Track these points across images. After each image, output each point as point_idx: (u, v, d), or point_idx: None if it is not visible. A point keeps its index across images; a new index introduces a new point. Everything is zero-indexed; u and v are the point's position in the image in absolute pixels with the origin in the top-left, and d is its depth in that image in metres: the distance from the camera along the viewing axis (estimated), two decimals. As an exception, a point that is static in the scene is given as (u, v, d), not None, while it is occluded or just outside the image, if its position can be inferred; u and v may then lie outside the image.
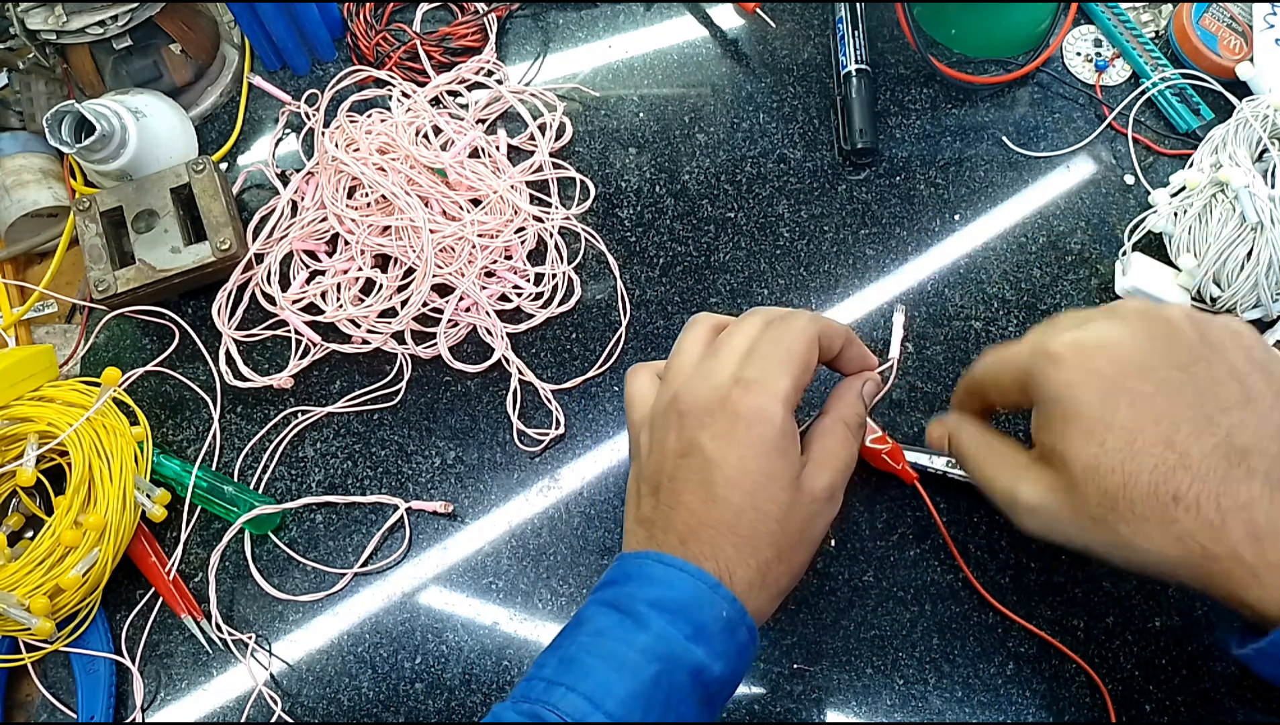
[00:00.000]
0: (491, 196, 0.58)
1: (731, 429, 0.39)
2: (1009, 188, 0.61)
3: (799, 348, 0.40)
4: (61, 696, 0.51)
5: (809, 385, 0.41)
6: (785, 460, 0.39)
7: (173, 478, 0.54)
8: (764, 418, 0.39)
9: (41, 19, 0.57)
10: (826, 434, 0.43)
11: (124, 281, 0.56)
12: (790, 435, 0.40)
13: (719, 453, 0.38)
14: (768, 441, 0.39)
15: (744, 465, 0.38)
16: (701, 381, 0.40)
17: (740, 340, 0.41)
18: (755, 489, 0.38)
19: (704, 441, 0.39)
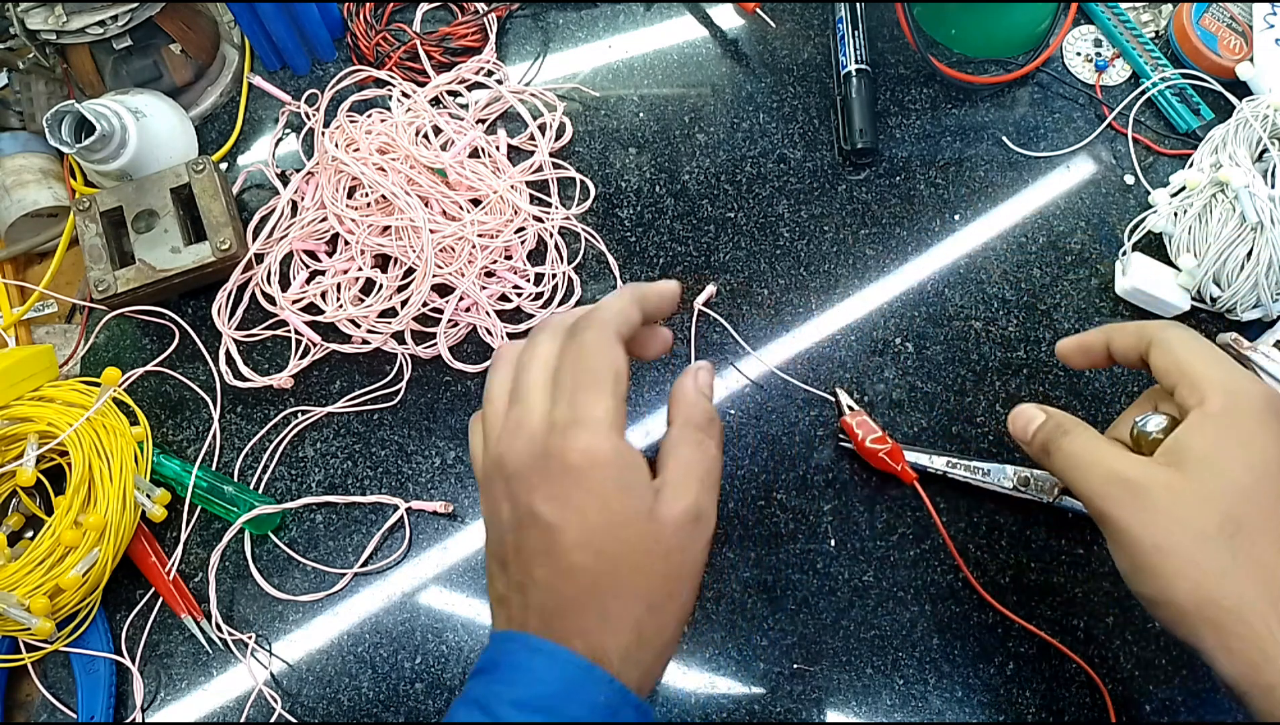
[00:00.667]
0: (491, 196, 0.58)
1: (563, 487, 0.34)
2: (1009, 188, 0.61)
3: (604, 361, 0.36)
4: (61, 696, 0.51)
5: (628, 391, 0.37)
6: (632, 497, 0.35)
7: (173, 478, 0.54)
8: (594, 460, 0.34)
9: (41, 19, 0.57)
10: (676, 445, 0.38)
11: (124, 281, 0.56)
12: (631, 466, 0.35)
13: (557, 517, 0.34)
14: (606, 485, 0.34)
15: (587, 522, 0.34)
16: (516, 436, 0.36)
17: (539, 373, 0.37)
18: (606, 545, 0.34)
19: (538, 508, 0.34)
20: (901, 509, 0.52)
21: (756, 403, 0.55)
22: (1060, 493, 0.52)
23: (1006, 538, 0.52)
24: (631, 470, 0.35)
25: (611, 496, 0.34)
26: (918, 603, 0.51)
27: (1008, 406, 0.55)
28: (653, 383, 0.56)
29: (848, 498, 0.53)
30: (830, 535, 0.52)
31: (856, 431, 0.52)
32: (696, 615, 0.51)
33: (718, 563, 0.52)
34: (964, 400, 0.55)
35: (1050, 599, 0.50)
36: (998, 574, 0.51)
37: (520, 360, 0.38)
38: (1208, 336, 0.56)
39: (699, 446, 0.38)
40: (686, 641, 0.50)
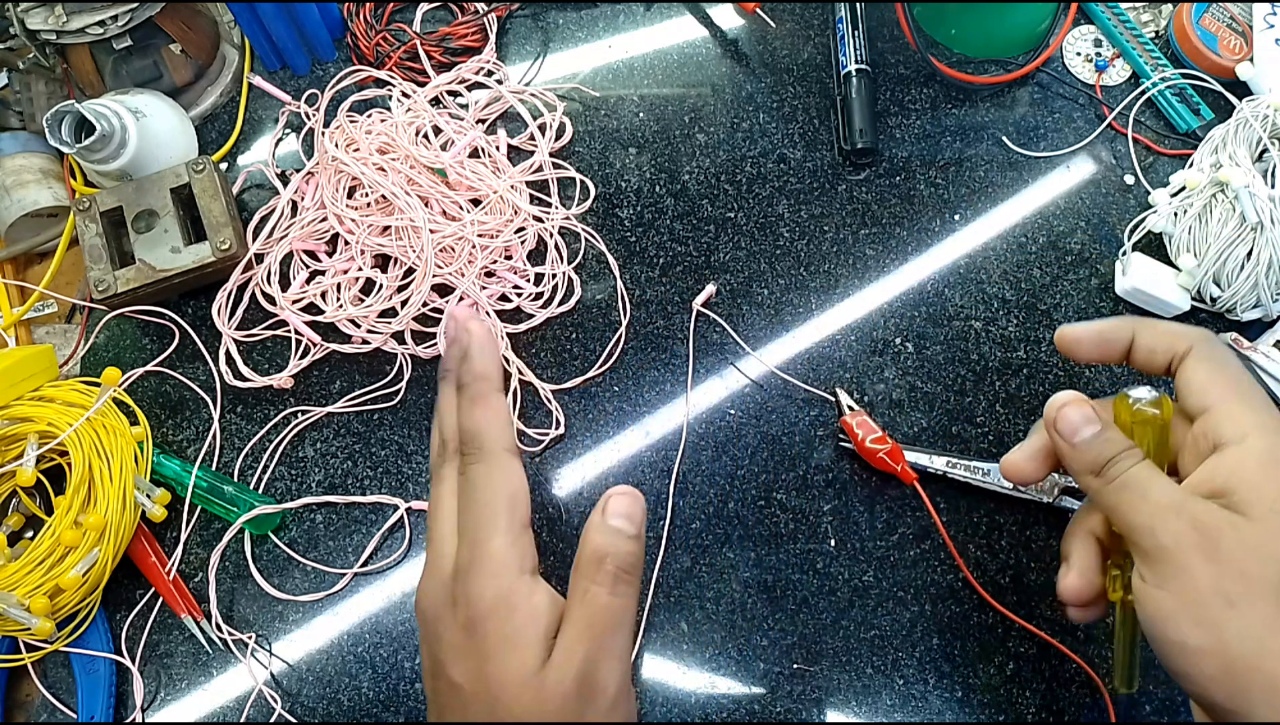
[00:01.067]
0: (491, 196, 0.58)
1: (462, 638, 0.34)
2: (1009, 188, 0.61)
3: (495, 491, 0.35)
4: (61, 696, 0.51)
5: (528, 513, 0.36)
6: (518, 653, 0.33)
7: (173, 478, 0.54)
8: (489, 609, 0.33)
9: (41, 19, 0.57)
10: (569, 602, 0.35)
11: (124, 281, 0.56)
12: (523, 612, 0.33)
13: (458, 672, 0.33)
14: (496, 638, 0.33)
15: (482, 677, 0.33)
16: (430, 580, 0.36)
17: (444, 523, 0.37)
18: (499, 704, 0.33)
19: (445, 659, 0.34)
20: (901, 509, 0.52)
21: (756, 403, 0.55)
22: (1060, 493, 0.52)
23: (1006, 538, 0.52)
24: (523, 619, 0.33)
25: (497, 651, 0.33)
26: (918, 603, 0.51)
27: (1008, 406, 0.55)
28: (652, 383, 0.56)
29: (848, 498, 0.53)
30: (830, 535, 0.52)
31: (856, 431, 0.52)
32: (697, 615, 0.51)
33: (718, 563, 0.52)
34: (964, 400, 0.55)
35: (1050, 599, 0.50)
36: (998, 574, 0.51)
37: (430, 497, 0.39)
38: (1208, 336, 0.56)
39: (583, 597, 0.34)
40: (686, 641, 0.50)
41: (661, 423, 0.55)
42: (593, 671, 0.33)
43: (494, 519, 0.35)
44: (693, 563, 0.52)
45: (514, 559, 0.34)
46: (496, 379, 0.38)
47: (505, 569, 0.34)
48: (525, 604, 0.34)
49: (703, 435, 0.55)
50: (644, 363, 0.57)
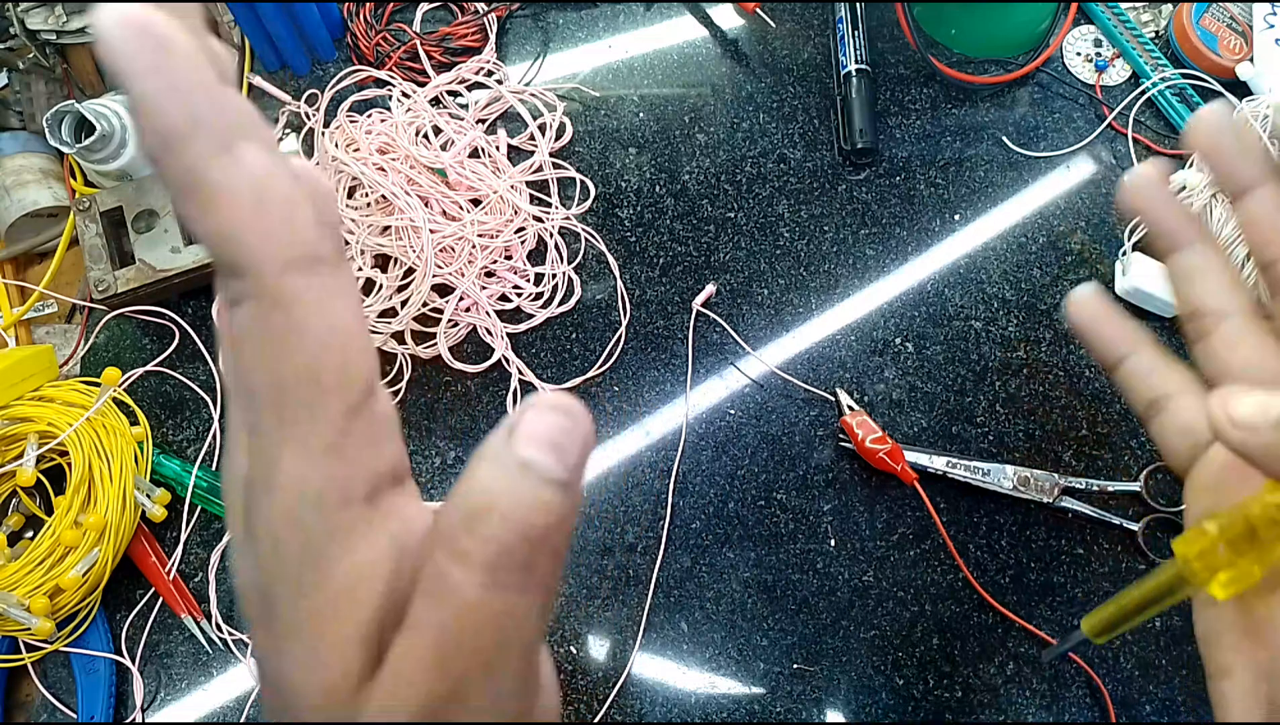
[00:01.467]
0: (491, 196, 0.58)
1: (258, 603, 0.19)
2: (1009, 188, 0.61)
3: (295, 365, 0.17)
4: (61, 696, 0.51)
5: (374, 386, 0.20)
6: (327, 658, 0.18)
7: (173, 478, 0.54)
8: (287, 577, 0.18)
9: (41, 19, 0.57)
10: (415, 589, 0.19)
11: (124, 281, 0.56)
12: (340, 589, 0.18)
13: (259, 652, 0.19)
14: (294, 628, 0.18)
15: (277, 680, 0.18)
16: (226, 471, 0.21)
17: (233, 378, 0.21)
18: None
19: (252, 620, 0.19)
20: (901, 509, 0.52)
21: (756, 403, 0.55)
22: (1061, 493, 0.52)
23: (1006, 538, 0.52)
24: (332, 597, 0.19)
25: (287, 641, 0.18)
26: (918, 603, 0.51)
27: (1008, 406, 0.55)
28: (652, 383, 0.56)
29: (848, 498, 0.53)
30: (830, 535, 0.52)
31: (856, 431, 0.52)
32: (697, 615, 0.51)
33: (718, 563, 0.52)
34: (964, 400, 0.55)
35: (1050, 599, 0.50)
36: (998, 574, 0.51)
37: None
38: (1208, 336, 0.56)
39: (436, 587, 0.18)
40: (686, 641, 0.50)
41: (661, 423, 0.55)
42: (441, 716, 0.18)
43: (284, 414, 0.17)
44: (693, 563, 0.52)
45: (324, 484, 0.18)
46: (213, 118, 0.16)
47: (306, 504, 0.18)
48: (340, 568, 0.18)
49: (703, 435, 0.55)
50: (644, 363, 0.57)
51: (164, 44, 0.16)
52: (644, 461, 0.54)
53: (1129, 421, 0.55)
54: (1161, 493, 0.53)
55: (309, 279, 0.17)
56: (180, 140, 0.16)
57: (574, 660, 0.50)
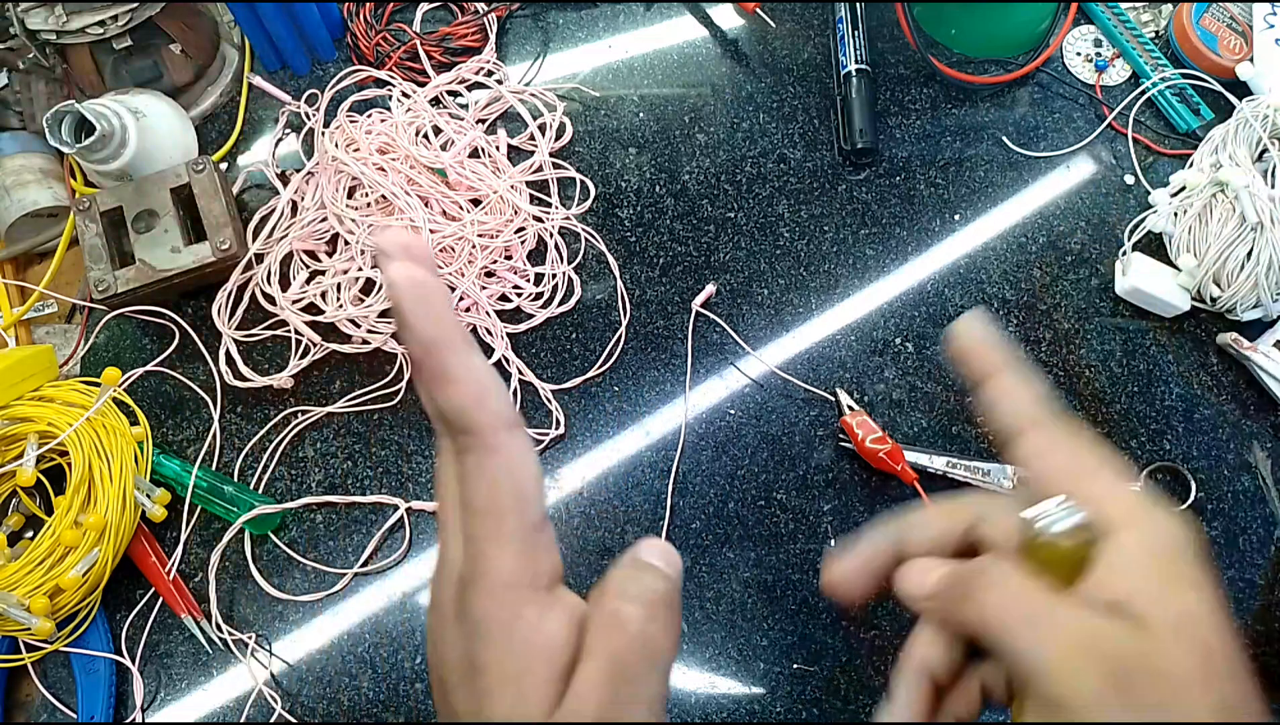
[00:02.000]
0: (491, 196, 0.58)
1: (467, 669, 0.27)
2: (1009, 188, 0.61)
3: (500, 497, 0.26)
4: (61, 696, 0.51)
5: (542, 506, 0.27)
6: (517, 690, 0.26)
7: (173, 478, 0.54)
8: (495, 642, 0.26)
9: (41, 19, 0.57)
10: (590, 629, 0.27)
11: (124, 281, 0.56)
12: (531, 637, 0.26)
13: (463, 704, 0.27)
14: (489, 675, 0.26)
15: (483, 719, 0.26)
16: (438, 584, 0.28)
17: (448, 511, 0.28)
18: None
19: (449, 684, 0.27)
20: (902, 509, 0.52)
21: (756, 403, 0.55)
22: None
23: (1006, 538, 0.52)
24: (529, 653, 0.26)
25: (497, 689, 0.26)
26: (918, 603, 0.51)
27: (1008, 406, 0.55)
28: (652, 383, 0.56)
29: (848, 498, 0.53)
30: (830, 535, 0.52)
31: (856, 431, 0.52)
32: (697, 615, 0.51)
33: (718, 563, 0.52)
34: (964, 400, 0.55)
35: (1050, 599, 0.50)
36: (998, 574, 0.51)
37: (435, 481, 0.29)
38: (1207, 337, 0.56)
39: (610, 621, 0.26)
40: (686, 642, 0.50)
41: (661, 423, 0.55)
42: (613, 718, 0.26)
43: (495, 525, 0.26)
44: (693, 563, 0.52)
45: (520, 574, 0.26)
46: (453, 336, 0.26)
47: (508, 588, 0.26)
48: (533, 633, 0.26)
49: (703, 435, 0.55)
50: (644, 363, 0.57)
51: (427, 289, 0.25)
52: (644, 461, 0.54)
53: (1129, 421, 0.55)
54: (1161, 493, 0.53)
55: (512, 437, 0.26)
56: (436, 347, 0.25)
57: (574, 660, 0.50)
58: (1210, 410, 0.55)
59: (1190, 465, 0.53)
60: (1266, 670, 0.49)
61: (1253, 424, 0.54)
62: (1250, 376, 0.55)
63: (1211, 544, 0.52)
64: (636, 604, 0.27)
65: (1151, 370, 0.56)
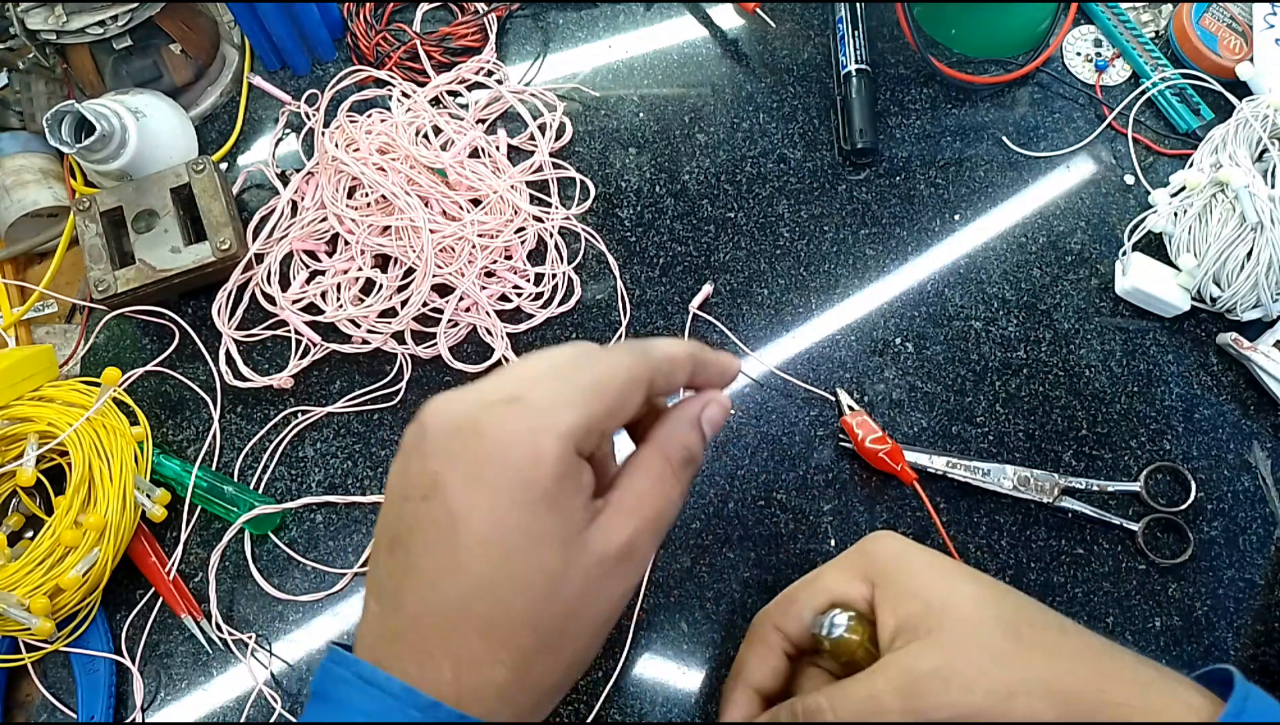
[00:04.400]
0: (491, 196, 0.58)
1: (482, 463, 0.28)
2: (1009, 188, 0.61)
3: (608, 382, 0.30)
4: (61, 696, 0.51)
5: (616, 428, 0.32)
6: (557, 514, 0.28)
7: (173, 478, 0.54)
8: (527, 452, 0.28)
9: (41, 19, 0.57)
10: (638, 470, 0.32)
11: (124, 281, 0.56)
12: (569, 478, 0.29)
13: (465, 498, 0.28)
14: (532, 485, 0.28)
15: (497, 518, 0.28)
16: (462, 394, 0.30)
17: (540, 361, 0.31)
18: (510, 553, 0.28)
19: (448, 479, 0.29)
20: (901, 509, 0.52)
21: (756, 403, 0.55)
22: (1061, 493, 0.52)
23: (1006, 538, 0.52)
24: (565, 483, 0.29)
25: (532, 502, 0.28)
26: (918, 603, 0.51)
27: (1008, 406, 0.55)
28: (653, 383, 0.56)
29: (848, 498, 0.53)
30: (830, 535, 0.52)
31: (856, 431, 0.52)
32: (697, 615, 0.51)
33: (718, 563, 0.52)
34: (964, 400, 0.55)
35: (1050, 599, 0.50)
36: (998, 574, 0.51)
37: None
38: (1207, 337, 0.56)
39: (662, 482, 0.32)
40: (686, 641, 0.50)
41: (661, 423, 0.55)
42: (638, 547, 0.31)
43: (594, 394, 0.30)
44: (693, 563, 0.52)
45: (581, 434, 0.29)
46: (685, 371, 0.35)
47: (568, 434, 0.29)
48: (573, 464, 0.29)
49: (703, 435, 0.55)
50: (644, 363, 0.57)
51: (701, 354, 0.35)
52: (644, 461, 0.54)
53: (1129, 421, 0.55)
54: (1161, 493, 0.53)
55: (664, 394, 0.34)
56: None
57: (574, 660, 0.50)
58: (1210, 410, 0.55)
59: (1190, 465, 0.53)
60: (1266, 670, 0.49)
61: (1253, 424, 0.54)
62: (1250, 376, 0.55)
63: (1211, 544, 0.52)
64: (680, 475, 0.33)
65: (1151, 370, 0.56)
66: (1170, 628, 0.50)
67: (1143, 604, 0.50)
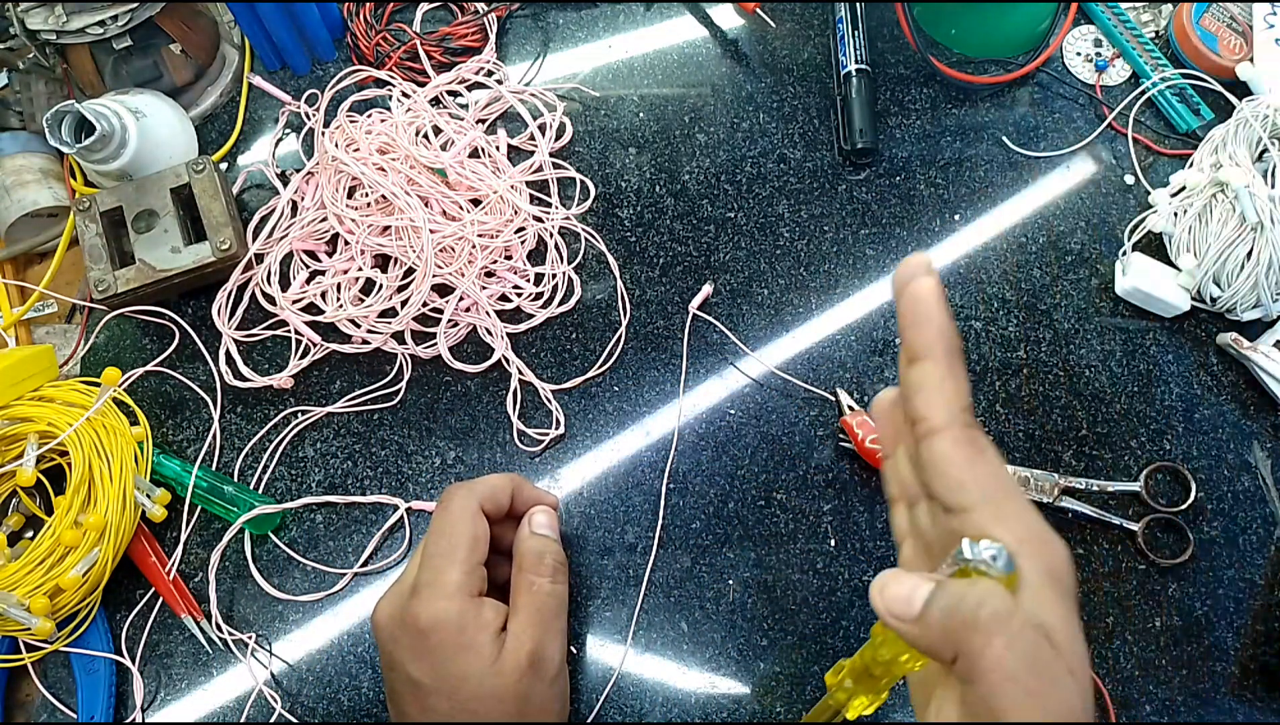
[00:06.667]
0: (491, 196, 0.58)
1: (417, 646, 0.41)
2: (1009, 188, 0.61)
3: (458, 534, 0.43)
4: (61, 696, 0.51)
5: (482, 554, 0.43)
6: (473, 654, 0.40)
7: (173, 478, 0.54)
8: (438, 623, 0.40)
9: (41, 19, 0.57)
10: (515, 593, 0.44)
11: (124, 281, 0.56)
12: (472, 625, 0.41)
13: (417, 670, 0.40)
14: (449, 644, 0.40)
15: (439, 673, 0.40)
16: (392, 596, 0.43)
17: (424, 539, 0.44)
18: (459, 695, 0.40)
19: (403, 660, 0.41)
20: (901, 509, 0.52)
21: (756, 403, 0.55)
22: (1061, 493, 0.52)
23: (1006, 538, 0.52)
24: (473, 630, 0.41)
25: (455, 655, 0.40)
26: (918, 603, 0.51)
27: (1008, 406, 0.55)
28: (652, 383, 0.56)
29: (848, 498, 0.53)
30: (830, 535, 0.52)
31: (856, 431, 0.52)
32: (697, 615, 0.51)
33: (718, 563, 0.52)
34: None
35: (1050, 599, 0.50)
36: (998, 574, 0.51)
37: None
38: (1207, 337, 0.56)
39: (529, 589, 0.43)
40: (686, 641, 0.50)
41: (661, 423, 0.55)
42: (542, 650, 0.42)
43: (454, 549, 0.42)
44: (693, 563, 0.52)
45: (465, 586, 0.41)
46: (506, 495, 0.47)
47: (457, 591, 0.41)
48: (475, 619, 0.41)
49: (703, 435, 0.55)
50: (644, 363, 0.57)
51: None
52: (644, 462, 0.54)
53: (1129, 421, 0.55)
54: (1161, 493, 0.53)
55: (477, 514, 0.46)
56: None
57: (574, 660, 0.50)
58: (1210, 410, 0.55)
59: (1190, 465, 0.53)
60: (1266, 670, 0.49)
61: (1253, 424, 0.54)
62: (1250, 376, 0.55)
63: (1211, 544, 0.52)
64: (543, 575, 0.44)
65: (1151, 370, 0.56)
66: (1170, 628, 0.50)
67: (1143, 604, 0.50)
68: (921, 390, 0.32)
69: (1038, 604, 0.28)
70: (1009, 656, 0.27)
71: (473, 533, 0.43)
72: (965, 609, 0.28)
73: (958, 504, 0.30)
